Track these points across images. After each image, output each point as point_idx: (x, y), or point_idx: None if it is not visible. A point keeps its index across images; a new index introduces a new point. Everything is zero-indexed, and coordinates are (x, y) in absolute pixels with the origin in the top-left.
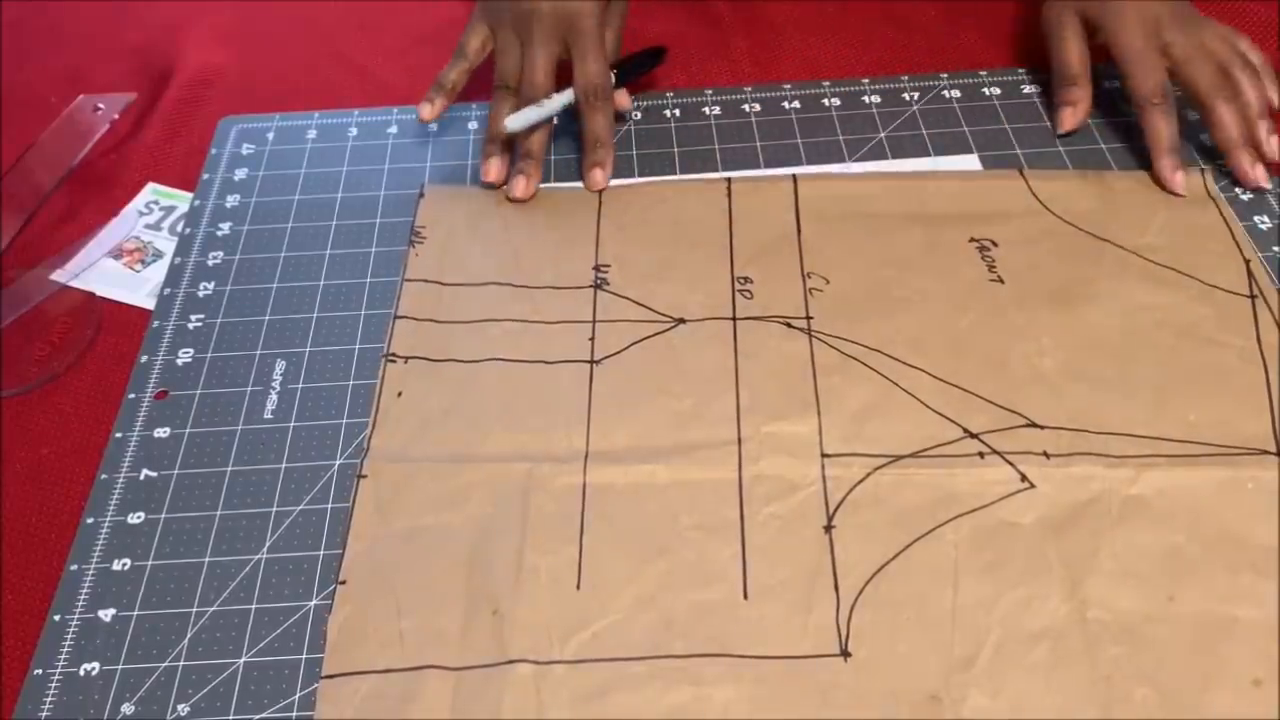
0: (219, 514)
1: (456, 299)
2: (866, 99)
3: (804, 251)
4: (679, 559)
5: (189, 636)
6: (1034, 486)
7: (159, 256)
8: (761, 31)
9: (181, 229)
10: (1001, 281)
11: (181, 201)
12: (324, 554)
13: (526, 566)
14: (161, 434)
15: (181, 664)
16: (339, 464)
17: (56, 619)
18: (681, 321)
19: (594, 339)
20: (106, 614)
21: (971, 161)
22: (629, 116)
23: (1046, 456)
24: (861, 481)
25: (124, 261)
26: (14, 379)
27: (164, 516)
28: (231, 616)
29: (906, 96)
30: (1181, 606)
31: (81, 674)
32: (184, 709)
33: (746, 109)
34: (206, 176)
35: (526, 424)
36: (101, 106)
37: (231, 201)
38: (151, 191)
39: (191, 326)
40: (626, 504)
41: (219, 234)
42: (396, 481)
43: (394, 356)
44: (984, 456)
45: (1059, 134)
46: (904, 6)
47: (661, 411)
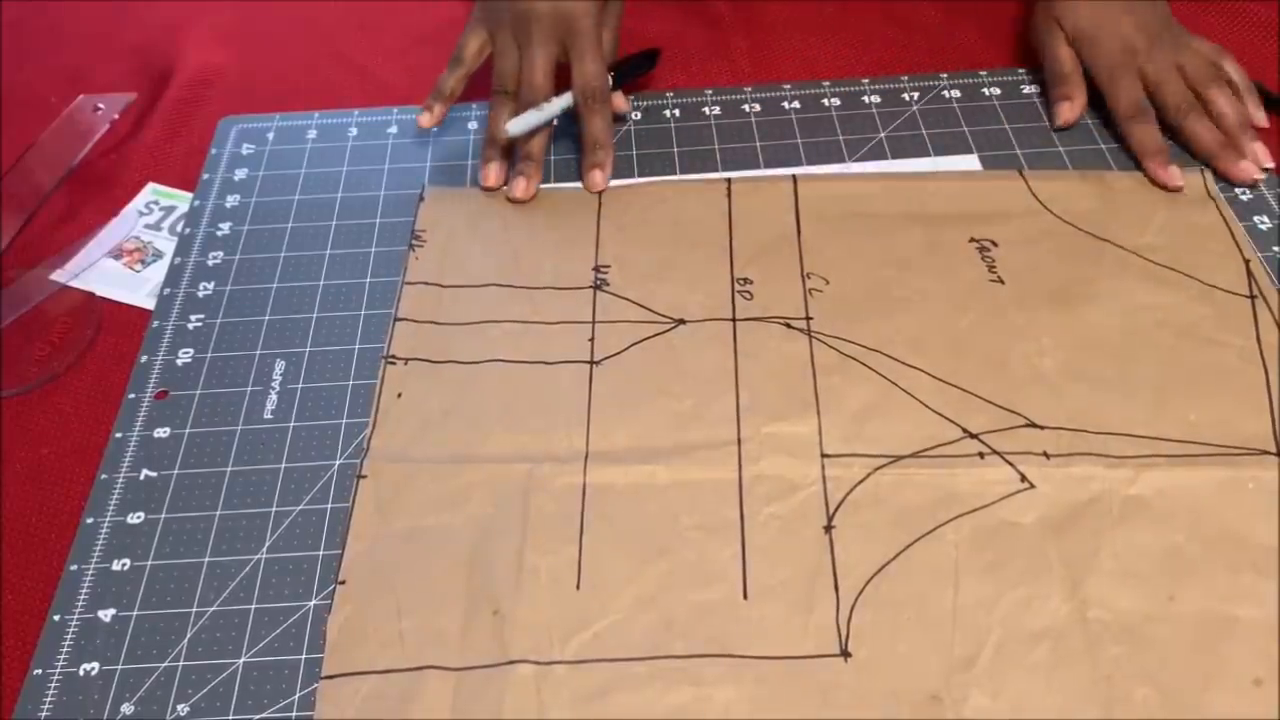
0: (219, 514)
1: (456, 301)
2: (866, 99)
3: (804, 252)
4: (679, 559)
5: (189, 636)
6: (1034, 486)
7: (159, 256)
8: (761, 31)
9: (181, 229)
10: (1001, 281)
11: (181, 201)
12: (324, 554)
13: (527, 567)
14: (161, 434)
15: (181, 664)
16: (339, 464)
17: (56, 619)
18: (681, 322)
19: (594, 340)
20: (106, 614)
21: (971, 161)
22: (628, 118)
23: (1046, 456)
24: (862, 482)
25: (124, 261)
26: (14, 379)
27: (164, 516)
28: (231, 616)
29: (906, 96)
30: (1182, 606)
31: (81, 674)
32: (184, 709)
33: (746, 109)
34: (206, 176)
35: (527, 425)
36: (101, 106)
37: (231, 201)
38: (151, 191)
39: (191, 326)
40: (627, 504)
41: (219, 234)
42: (397, 482)
43: (394, 358)
44: (984, 456)
45: (1056, 127)
46: (904, 6)
47: (661, 412)
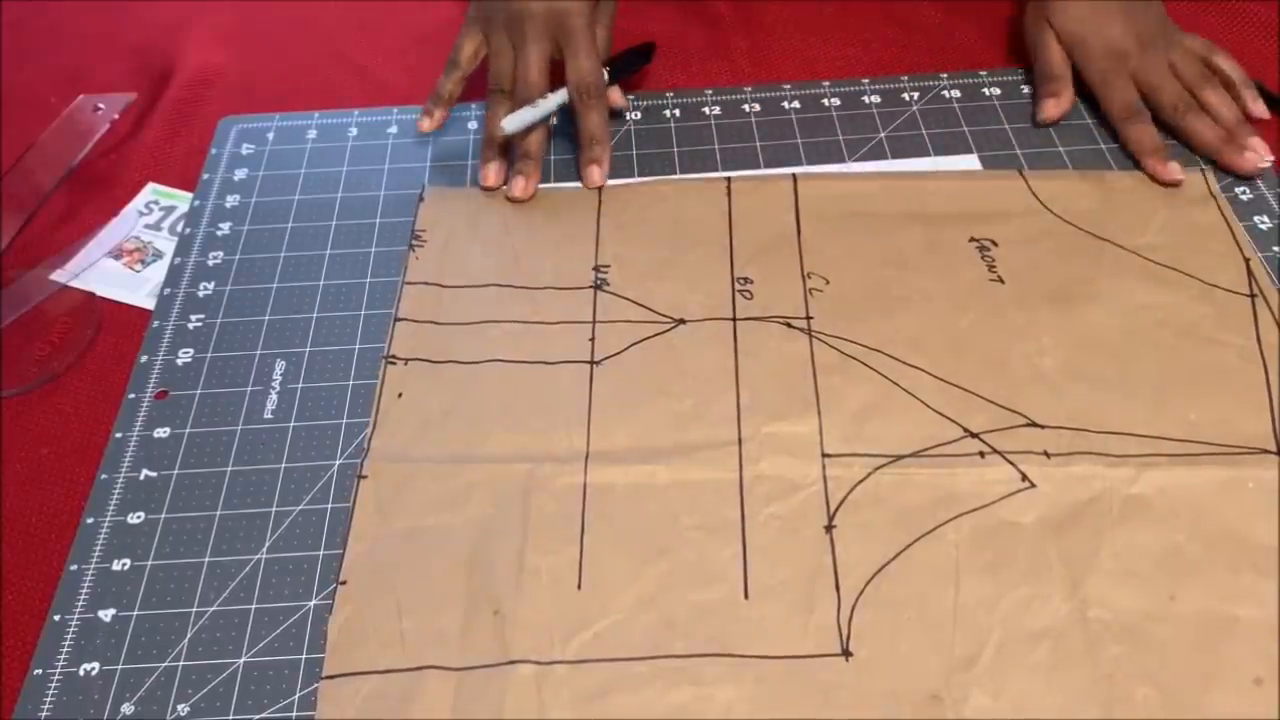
0: (219, 514)
1: (456, 301)
2: (866, 99)
3: (804, 251)
4: (680, 559)
5: (189, 636)
6: (1034, 486)
7: (159, 256)
8: (761, 32)
9: (181, 229)
10: (1001, 281)
11: (181, 201)
12: (324, 554)
13: (527, 567)
14: (161, 434)
15: (181, 664)
16: (339, 464)
17: (56, 619)
18: (681, 322)
19: (594, 339)
20: (106, 614)
21: (971, 161)
22: (625, 115)
23: (1047, 456)
24: (862, 481)
25: (124, 261)
26: (14, 379)
27: (164, 516)
28: (231, 616)
29: (906, 96)
30: (1182, 606)
31: (81, 674)
32: (184, 709)
33: (746, 109)
34: (206, 176)
35: (527, 424)
36: (101, 106)
37: (231, 201)
38: (151, 191)
39: (191, 326)
40: (627, 504)
41: (219, 234)
42: (397, 482)
43: (394, 359)
44: (984, 456)
45: (1039, 122)
46: (904, 6)
47: (662, 412)
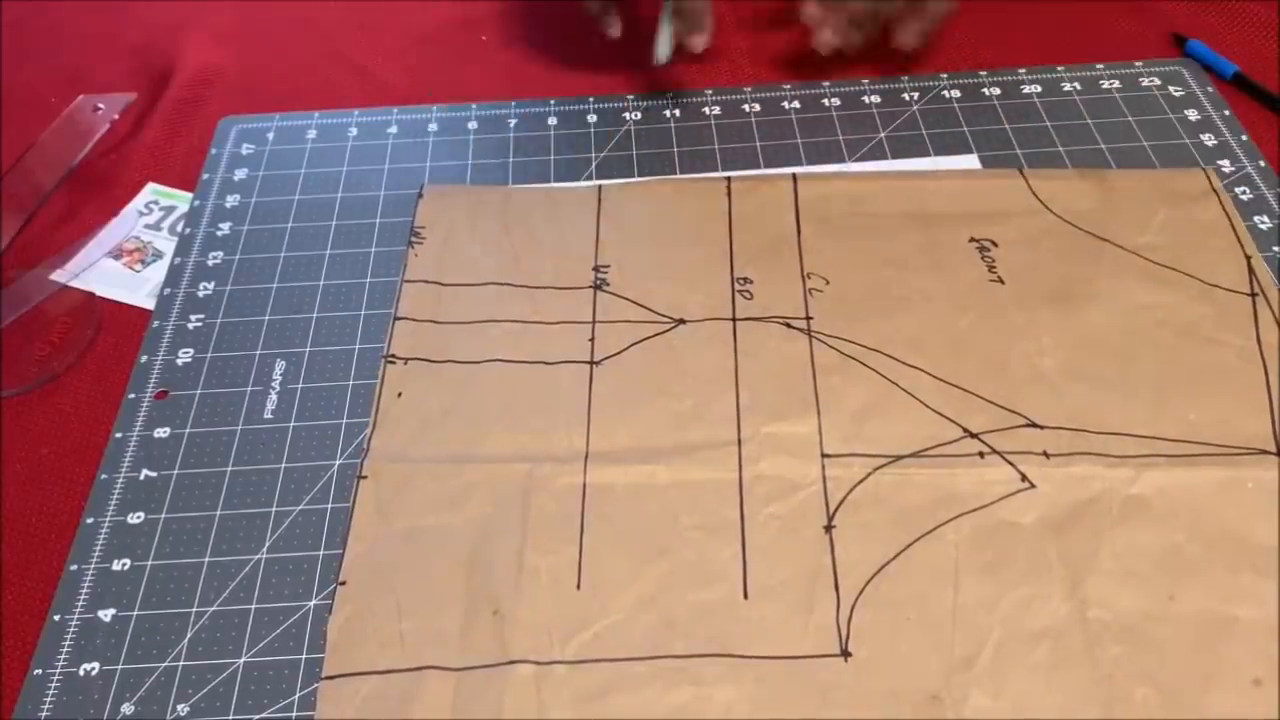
0: (219, 514)
1: (456, 300)
2: (866, 99)
3: (804, 251)
4: (679, 559)
5: (189, 636)
6: (1034, 486)
7: (159, 256)
8: (761, 31)
9: (181, 229)
10: (1001, 281)
11: (181, 201)
12: (324, 554)
13: (527, 567)
14: (161, 434)
15: (181, 664)
16: (339, 464)
17: (56, 619)
18: (681, 322)
19: (594, 339)
20: (106, 614)
21: (971, 161)
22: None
23: (1046, 456)
24: (862, 481)
25: (124, 261)
26: (14, 379)
27: (164, 516)
28: (231, 616)
29: (906, 96)
30: (1182, 606)
31: (81, 674)
32: (184, 709)
33: (746, 109)
34: (206, 176)
35: (527, 424)
36: (101, 106)
37: (231, 201)
38: (151, 191)
39: (191, 326)
40: (627, 504)
41: (219, 234)
42: (397, 482)
43: (394, 358)
44: (984, 456)
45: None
46: None
47: (661, 412)
